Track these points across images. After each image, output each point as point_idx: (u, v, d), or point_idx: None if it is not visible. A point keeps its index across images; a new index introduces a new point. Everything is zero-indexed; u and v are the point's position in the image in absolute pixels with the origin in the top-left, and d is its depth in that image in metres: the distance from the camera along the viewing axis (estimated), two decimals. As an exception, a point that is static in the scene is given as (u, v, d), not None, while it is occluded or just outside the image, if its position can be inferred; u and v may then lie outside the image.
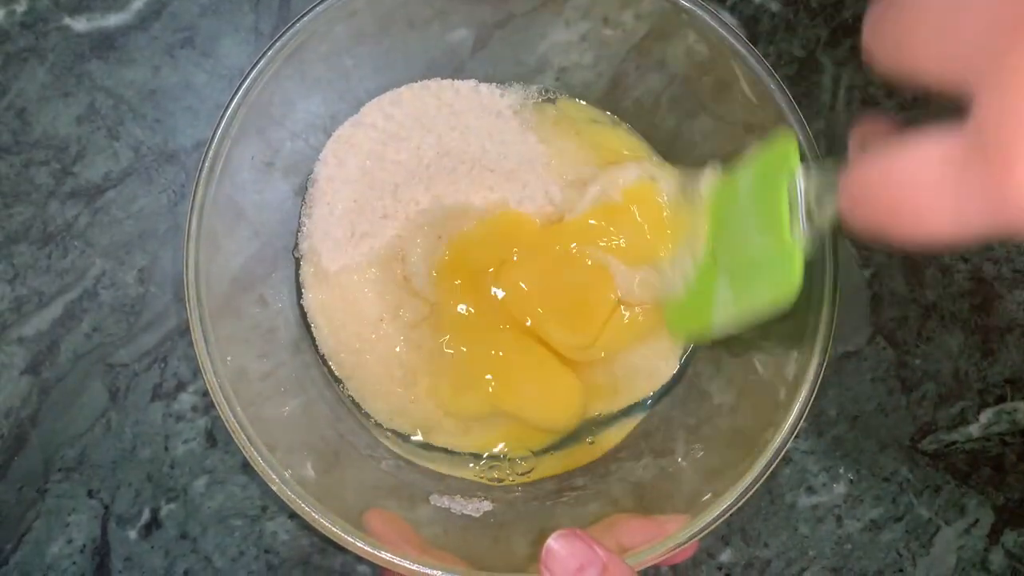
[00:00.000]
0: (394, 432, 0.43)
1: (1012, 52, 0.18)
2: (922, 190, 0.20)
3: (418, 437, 0.43)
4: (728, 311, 0.36)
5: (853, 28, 0.50)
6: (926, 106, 0.49)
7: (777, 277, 0.32)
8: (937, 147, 0.20)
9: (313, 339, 0.44)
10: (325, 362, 0.44)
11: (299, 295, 0.44)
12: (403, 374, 0.43)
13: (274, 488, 0.34)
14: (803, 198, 0.30)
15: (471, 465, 0.44)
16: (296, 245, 0.44)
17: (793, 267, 0.31)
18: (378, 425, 0.43)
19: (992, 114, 0.18)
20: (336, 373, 0.43)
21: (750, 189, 0.34)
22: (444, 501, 0.41)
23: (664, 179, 0.41)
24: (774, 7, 0.50)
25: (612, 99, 0.46)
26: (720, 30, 0.38)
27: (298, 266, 0.44)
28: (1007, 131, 0.18)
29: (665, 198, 0.41)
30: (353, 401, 0.44)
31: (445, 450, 0.44)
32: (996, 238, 0.20)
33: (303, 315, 0.44)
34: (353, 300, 0.43)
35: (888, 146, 0.22)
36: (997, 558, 0.49)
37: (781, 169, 0.31)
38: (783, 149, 0.32)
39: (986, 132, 0.18)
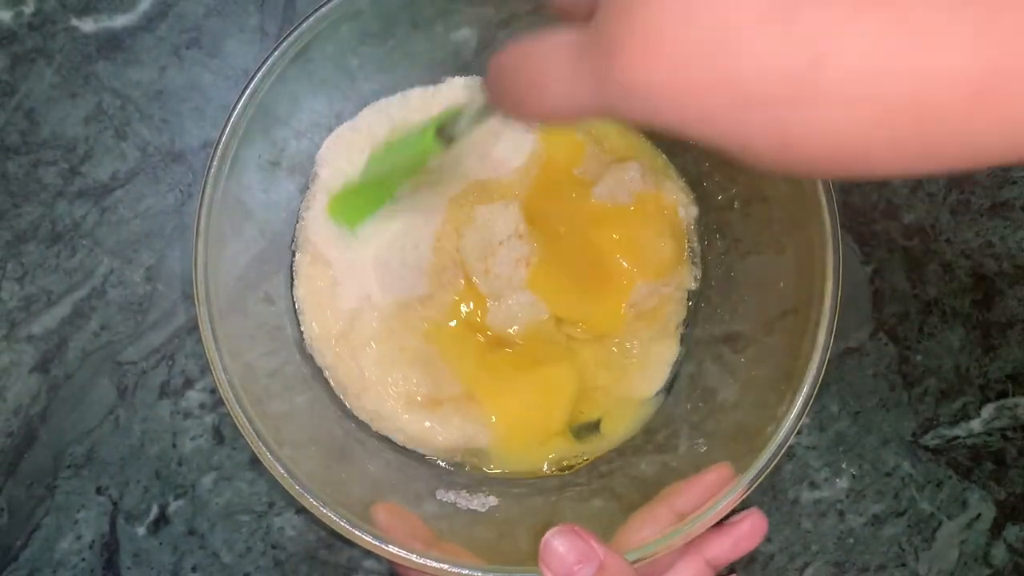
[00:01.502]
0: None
1: None
2: (547, 69, 0.23)
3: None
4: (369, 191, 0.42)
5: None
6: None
7: (408, 157, 0.37)
8: (568, 35, 0.22)
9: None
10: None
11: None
12: (382, 371, 0.43)
13: (282, 483, 0.35)
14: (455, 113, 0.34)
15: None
16: (294, 239, 0.44)
17: (423, 148, 0.35)
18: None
19: (606, 19, 0.21)
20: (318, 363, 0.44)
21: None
22: (450, 496, 0.41)
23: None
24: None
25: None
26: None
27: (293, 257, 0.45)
28: (612, 25, 0.21)
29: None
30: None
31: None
32: (604, 117, 0.23)
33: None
34: (341, 295, 0.44)
35: (512, 45, 0.25)
36: (999, 552, 0.49)
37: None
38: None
39: (599, 24, 0.21)
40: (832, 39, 0.18)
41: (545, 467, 0.44)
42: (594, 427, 0.45)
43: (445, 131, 0.34)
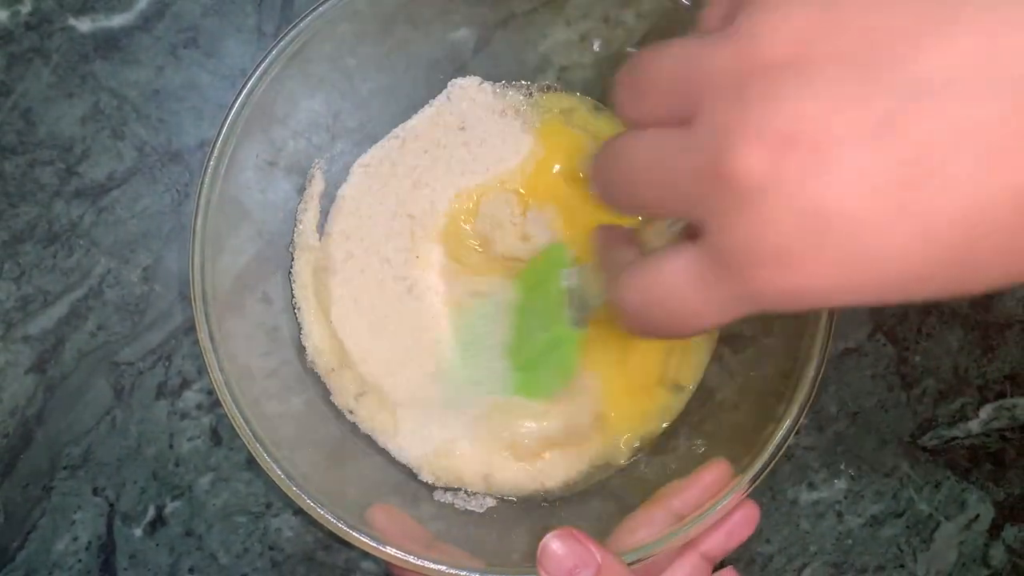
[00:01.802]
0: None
1: (717, 195, 0.21)
2: (682, 301, 0.24)
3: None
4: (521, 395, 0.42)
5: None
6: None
7: (559, 364, 0.39)
8: (683, 264, 0.23)
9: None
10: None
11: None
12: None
13: (279, 484, 0.35)
14: (573, 290, 0.36)
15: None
16: (292, 241, 0.44)
17: (570, 350, 0.38)
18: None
19: (723, 240, 0.21)
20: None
21: (530, 293, 0.40)
22: (448, 497, 0.41)
23: None
24: (774, 6, 0.50)
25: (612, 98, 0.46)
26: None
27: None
28: (736, 252, 0.21)
29: None
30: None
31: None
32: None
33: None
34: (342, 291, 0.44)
35: (638, 264, 0.25)
36: (998, 553, 0.49)
37: (550, 271, 0.37)
38: (549, 254, 0.38)
39: (721, 251, 0.21)
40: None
41: (662, 424, 0.43)
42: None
43: (576, 317, 0.36)
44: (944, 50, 0.18)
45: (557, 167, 0.44)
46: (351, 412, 0.43)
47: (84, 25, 0.48)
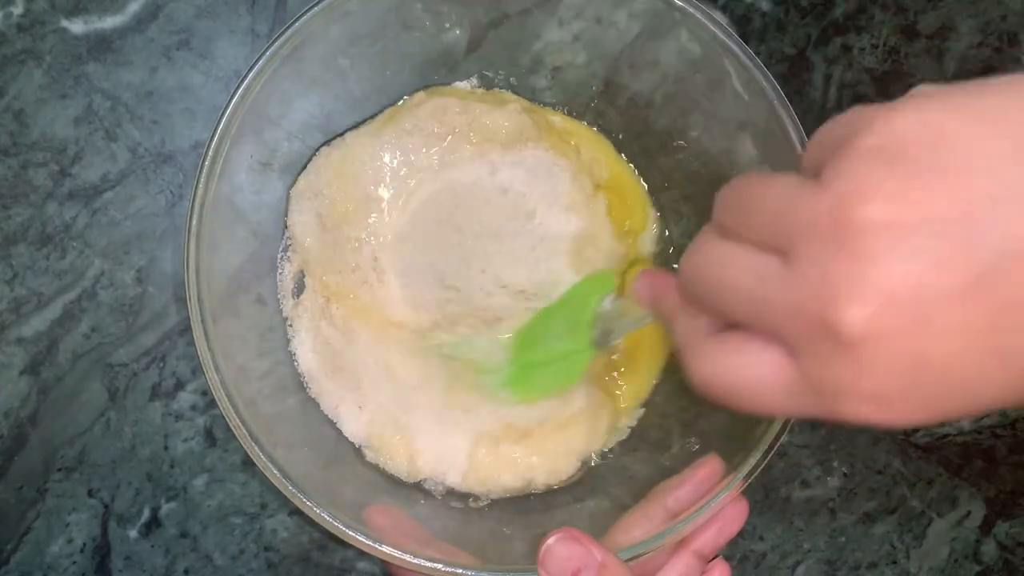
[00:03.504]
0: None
1: (817, 336, 0.22)
2: (763, 397, 0.25)
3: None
4: (510, 390, 0.42)
5: (843, 27, 0.51)
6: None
7: (564, 372, 0.40)
8: (772, 366, 0.24)
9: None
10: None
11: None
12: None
13: (276, 484, 0.35)
14: (607, 313, 0.38)
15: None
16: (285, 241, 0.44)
17: (580, 365, 0.40)
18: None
19: (820, 374, 0.23)
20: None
21: (567, 303, 0.41)
22: (442, 493, 0.41)
23: None
24: (765, 6, 0.51)
25: (605, 98, 0.46)
26: (713, 28, 0.39)
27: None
28: (831, 387, 0.23)
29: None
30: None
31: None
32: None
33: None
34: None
35: (721, 342, 0.27)
36: (989, 549, 0.49)
37: (593, 292, 0.39)
38: (600, 278, 0.41)
39: (816, 382, 0.23)
40: None
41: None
42: None
43: (599, 339, 0.38)
44: None
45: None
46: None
47: (77, 26, 0.48)
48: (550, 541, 0.32)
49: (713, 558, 0.38)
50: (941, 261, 0.21)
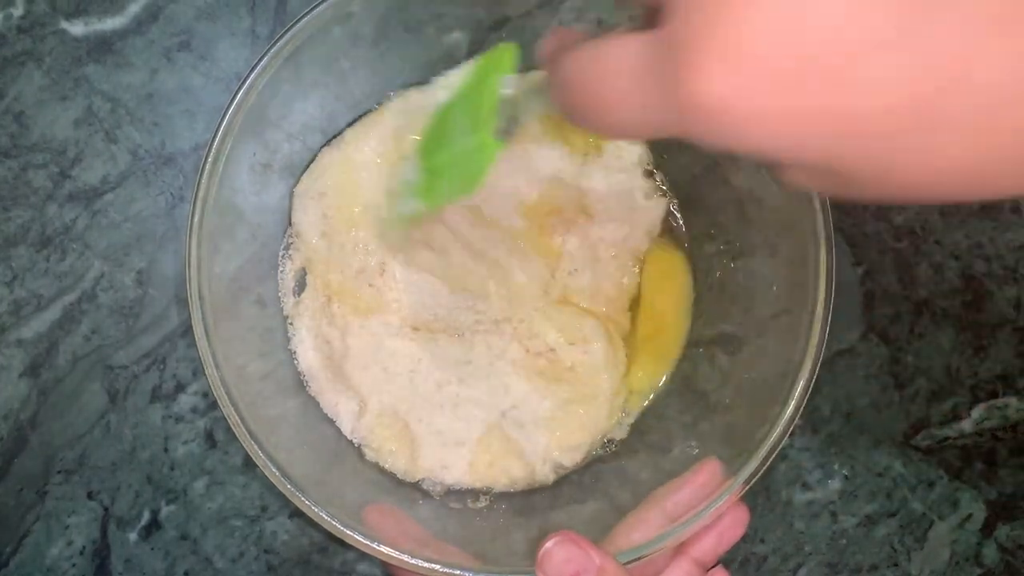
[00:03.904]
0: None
1: None
2: (614, 80, 0.21)
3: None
4: (415, 200, 0.38)
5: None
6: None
7: (466, 171, 0.34)
8: (635, 42, 0.21)
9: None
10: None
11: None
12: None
13: (276, 485, 0.35)
14: (510, 98, 0.32)
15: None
16: (286, 242, 0.44)
17: (482, 163, 0.33)
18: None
19: (678, 20, 0.19)
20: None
21: (466, 93, 0.35)
22: (443, 494, 0.41)
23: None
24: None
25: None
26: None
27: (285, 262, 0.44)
28: (690, 34, 0.18)
29: None
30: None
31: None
32: (675, 137, 0.20)
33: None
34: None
35: (588, 42, 0.23)
36: (990, 552, 0.49)
37: (492, 73, 0.33)
38: (496, 56, 0.33)
39: (673, 30, 0.19)
40: (970, 62, 0.16)
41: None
42: None
43: (500, 129, 0.32)
44: None
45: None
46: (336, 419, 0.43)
47: (77, 28, 0.48)
48: (549, 544, 0.31)
49: (713, 566, 0.38)
50: None
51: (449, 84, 0.39)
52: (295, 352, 0.43)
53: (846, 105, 0.17)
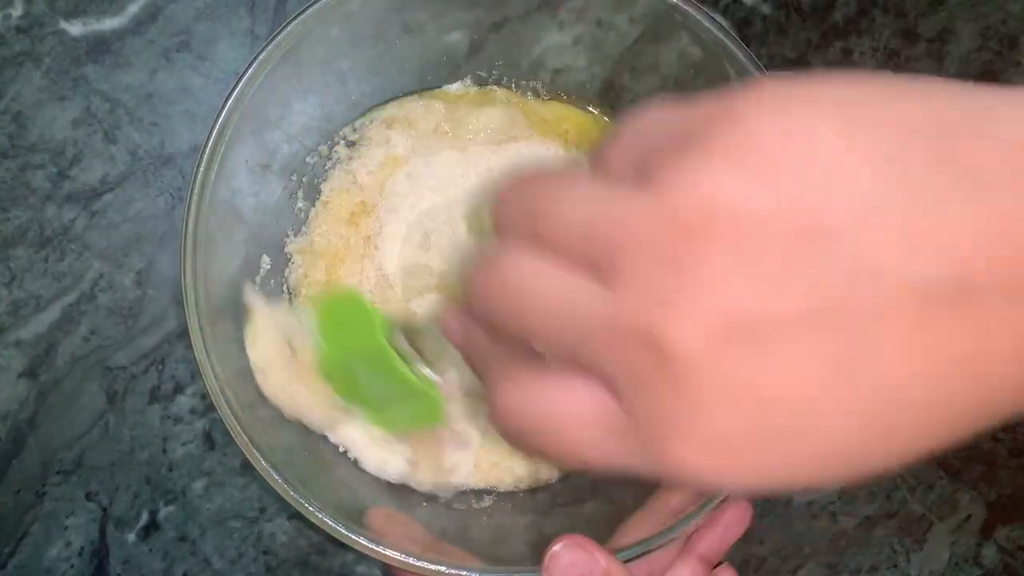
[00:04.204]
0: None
1: (641, 363, 0.19)
2: (582, 444, 0.21)
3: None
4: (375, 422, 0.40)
5: (843, 31, 0.51)
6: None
7: (422, 410, 0.37)
8: (590, 404, 0.21)
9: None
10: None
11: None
12: None
13: (276, 489, 0.35)
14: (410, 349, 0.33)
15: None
16: (284, 243, 0.44)
17: (432, 404, 0.35)
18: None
19: (648, 412, 0.19)
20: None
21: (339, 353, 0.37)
22: (444, 498, 0.41)
23: None
24: (766, 9, 0.51)
25: (606, 101, 0.46)
26: (714, 31, 0.39)
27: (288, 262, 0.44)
28: (662, 428, 0.19)
29: None
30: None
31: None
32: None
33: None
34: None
35: (525, 378, 0.22)
36: (990, 553, 0.49)
37: (363, 329, 0.34)
38: (355, 310, 0.35)
39: (643, 422, 0.20)
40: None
41: None
42: None
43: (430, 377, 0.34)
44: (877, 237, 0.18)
45: None
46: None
47: (75, 28, 0.47)
48: (556, 547, 0.32)
49: (718, 564, 0.39)
50: (786, 282, 0.18)
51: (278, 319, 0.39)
52: None
53: (803, 449, 0.19)
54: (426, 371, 0.33)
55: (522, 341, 0.22)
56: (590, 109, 0.46)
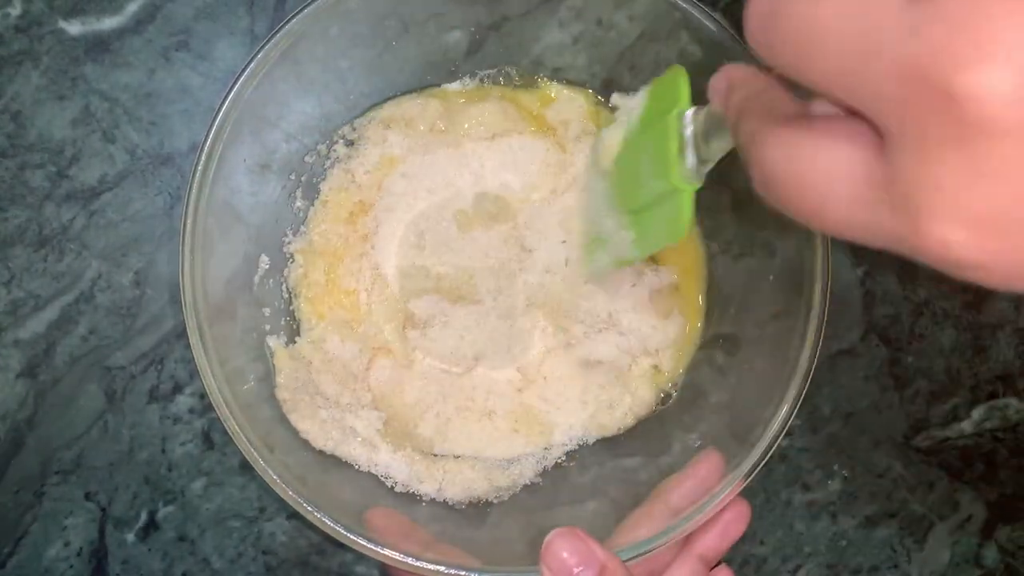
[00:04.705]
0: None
1: (931, 112, 0.17)
2: (832, 188, 0.20)
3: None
4: (630, 250, 0.37)
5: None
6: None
7: (669, 218, 0.33)
8: (852, 164, 0.19)
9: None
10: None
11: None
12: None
13: (275, 489, 0.35)
14: (692, 137, 0.30)
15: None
16: (284, 242, 0.44)
17: (682, 209, 0.31)
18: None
19: (921, 175, 0.17)
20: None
21: (642, 132, 0.34)
22: (443, 498, 0.41)
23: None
24: (766, 8, 0.51)
25: (606, 100, 0.46)
26: (714, 30, 0.39)
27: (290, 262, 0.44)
28: (932, 198, 0.17)
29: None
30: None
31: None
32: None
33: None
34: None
35: (795, 133, 0.21)
36: (990, 553, 0.49)
37: (669, 108, 0.31)
38: (670, 86, 0.32)
39: (913, 187, 0.18)
40: None
41: None
42: None
43: (693, 172, 0.30)
44: None
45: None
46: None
47: (74, 28, 0.47)
48: (551, 537, 0.32)
49: (716, 564, 0.38)
50: None
51: (628, 111, 0.37)
52: None
53: None
54: (690, 164, 0.30)
55: (791, 96, 0.21)
56: (589, 91, 0.46)
